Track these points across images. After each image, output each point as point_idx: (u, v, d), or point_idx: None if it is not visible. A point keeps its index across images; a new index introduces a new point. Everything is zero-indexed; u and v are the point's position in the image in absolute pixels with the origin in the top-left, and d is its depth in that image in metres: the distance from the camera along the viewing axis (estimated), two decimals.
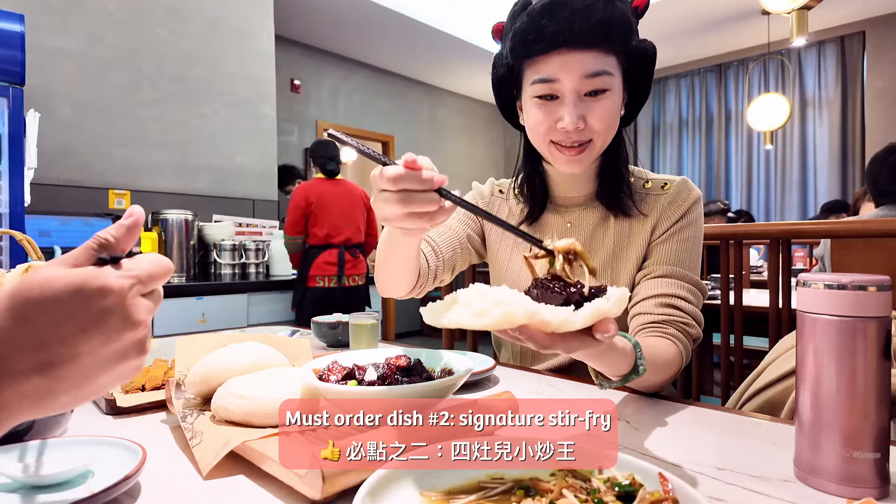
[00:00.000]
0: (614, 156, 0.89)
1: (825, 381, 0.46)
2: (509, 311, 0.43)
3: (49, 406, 0.31)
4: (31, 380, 0.30)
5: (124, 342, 0.33)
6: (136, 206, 0.36)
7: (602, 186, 0.90)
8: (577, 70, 0.76)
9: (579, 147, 0.81)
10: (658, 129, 6.43)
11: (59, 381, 0.31)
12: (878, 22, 4.97)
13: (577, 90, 0.77)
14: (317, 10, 4.52)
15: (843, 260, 1.21)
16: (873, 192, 2.10)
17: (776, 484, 0.48)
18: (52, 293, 0.30)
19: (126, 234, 0.35)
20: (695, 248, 0.87)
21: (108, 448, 0.51)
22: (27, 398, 0.30)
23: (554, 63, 0.77)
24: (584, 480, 0.42)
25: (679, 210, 0.87)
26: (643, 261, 0.88)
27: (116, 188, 2.83)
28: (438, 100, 6.57)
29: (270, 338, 0.79)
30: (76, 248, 0.34)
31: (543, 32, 0.75)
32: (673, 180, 0.90)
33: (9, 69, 1.88)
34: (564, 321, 0.43)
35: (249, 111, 3.39)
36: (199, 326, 2.46)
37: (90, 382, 0.32)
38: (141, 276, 0.34)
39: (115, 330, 0.32)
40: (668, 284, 0.82)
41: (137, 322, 0.33)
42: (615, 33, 0.76)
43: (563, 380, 0.86)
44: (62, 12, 2.65)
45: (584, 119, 0.78)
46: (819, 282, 0.46)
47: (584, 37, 0.74)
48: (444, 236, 0.95)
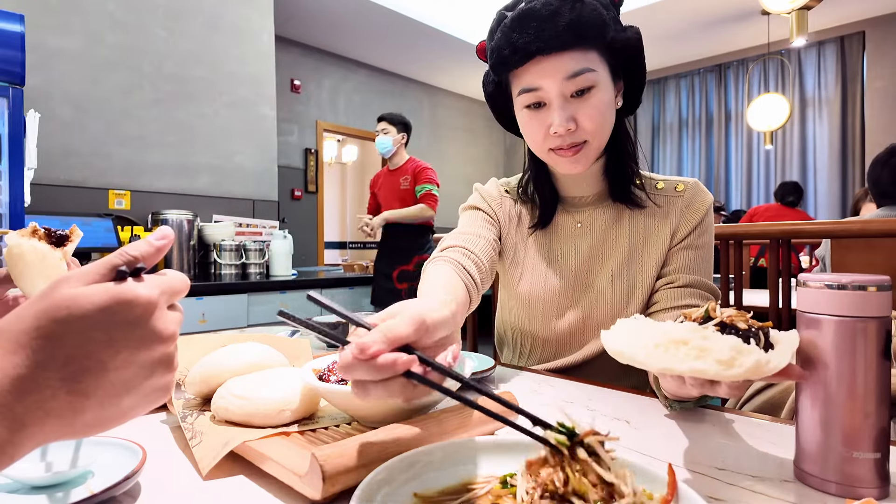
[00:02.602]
0: (618, 150, 0.88)
1: (825, 382, 0.46)
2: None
3: (73, 426, 0.30)
4: (57, 397, 0.29)
5: (152, 355, 0.32)
6: (166, 227, 0.36)
7: (611, 183, 0.90)
8: (556, 74, 0.77)
9: (575, 148, 0.81)
10: (658, 129, 6.43)
11: (85, 397, 0.30)
12: (878, 22, 4.97)
13: (561, 93, 0.78)
14: (317, 11, 4.52)
15: (843, 260, 1.21)
16: (874, 192, 2.11)
17: (776, 484, 0.48)
18: (81, 312, 0.29)
19: (154, 254, 0.34)
20: (710, 255, 0.88)
21: (108, 448, 0.51)
22: (51, 416, 0.29)
23: (533, 72, 0.78)
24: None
25: (697, 215, 0.87)
26: (662, 265, 0.87)
27: (116, 188, 2.83)
28: (438, 100, 6.57)
29: (270, 338, 0.79)
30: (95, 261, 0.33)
31: (516, 45, 0.77)
32: (686, 182, 0.90)
33: (9, 69, 1.88)
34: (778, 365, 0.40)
35: (249, 111, 3.39)
36: (199, 326, 2.46)
37: (117, 401, 0.31)
38: (166, 289, 0.33)
39: (144, 343, 0.31)
40: (689, 294, 0.83)
41: (167, 335, 0.32)
42: (586, 32, 0.76)
43: (563, 380, 0.86)
44: (62, 12, 2.65)
45: (574, 120, 0.79)
46: (819, 282, 0.46)
47: (556, 42, 0.75)
48: (479, 245, 0.89)
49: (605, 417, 0.68)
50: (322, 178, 5.45)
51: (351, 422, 0.58)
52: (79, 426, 0.30)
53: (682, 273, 0.85)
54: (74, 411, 0.30)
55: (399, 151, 3.10)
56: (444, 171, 6.53)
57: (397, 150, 3.08)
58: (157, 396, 0.34)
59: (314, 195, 5.31)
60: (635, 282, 0.88)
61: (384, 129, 3.05)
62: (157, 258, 0.35)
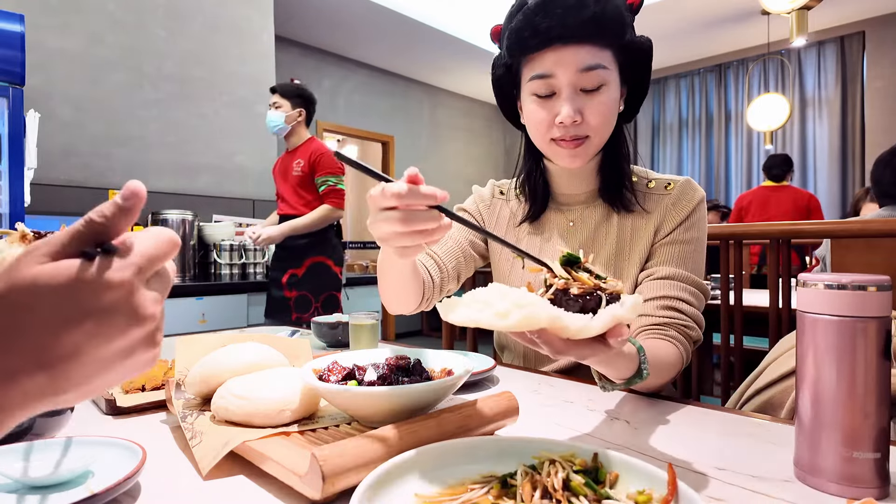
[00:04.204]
0: (614, 151, 0.89)
1: (825, 381, 0.46)
2: (532, 314, 0.43)
3: (55, 402, 0.29)
4: (35, 378, 0.28)
5: (131, 339, 0.30)
6: (134, 182, 0.30)
7: (603, 183, 0.91)
8: (572, 64, 0.78)
9: (577, 141, 0.82)
10: (658, 129, 6.43)
11: (65, 380, 0.28)
12: (878, 22, 4.97)
13: (573, 84, 0.79)
14: (317, 11, 4.52)
15: (843, 260, 1.20)
16: (876, 192, 2.11)
17: (776, 484, 0.48)
18: (42, 295, 0.27)
19: (121, 216, 0.29)
20: (698, 250, 0.87)
21: (108, 448, 0.51)
22: (31, 397, 0.28)
23: (549, 59, 0.79)
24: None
25: (683, 211, 0.87)
26: (646, 260, 0.88)
27: (116, 188, 2.83)
28: (438, 100, 6.57)
29: (270, 338, 0.79)
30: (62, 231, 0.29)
31: (538, 28, 0.78)
32: (677, 180, 0.90)
33: (9, 69, 1.88)
34: (584, 328, 0.44)
35: (249, 111, 3.39)
36: (199, 326, 2.46)
37: (97, 379, 0.30)
38: (141, 264, 0.30)
39: (119, 329, 0.29)
40: (670, 286, 0.83)
41: (143, 317, 0.30)
42: (608, 28, 0.77)
43: (563, 380, 0.86)
44: (62, 12, 2.65)
45: (581, 113, 0.80)
46: (819, 282, 0.46)
47: (578, 31, 0.76)
48: (447, 247, 0.96)
49: (605, 417, 0.68)
50: None
51: (351, 422, 0.58)
52: (61, 402, 0.30)
53: (663, 266, 0.85)
54: (56, 391, 0.29)
55: (296, 131, 2.55)
56: (444, 170, 6.54)
57: (293, 128, 2.53)
58: (140, 368, 0.32)
59: None
60: (622, 278, 0.89)
61: (275, 103, 2.51)
62: (128, 221, 0.30)
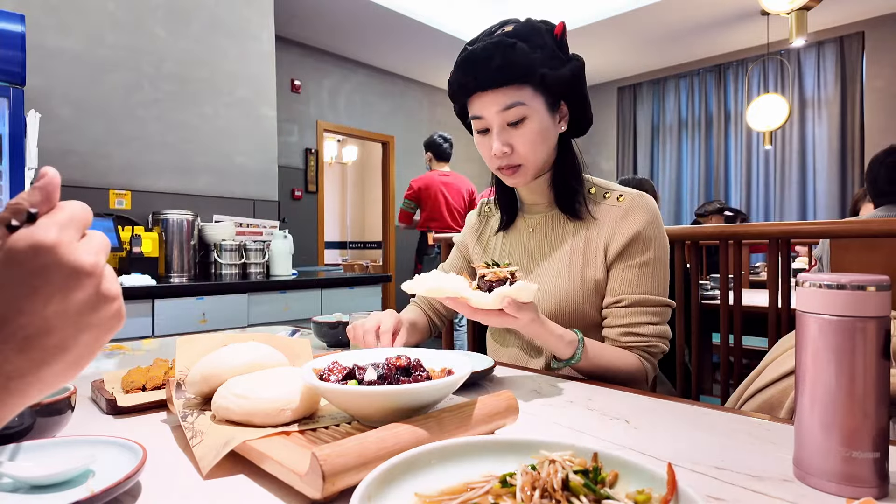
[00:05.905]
0: (564, 166, 1.00)
1: (824, 381, 0.46)
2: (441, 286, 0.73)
3: (43, 381, 0.30)
4: (10, 359, 0.28)
5: (85, 292, 0.31)
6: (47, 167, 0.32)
7: (556, 194, 1.01)
8: (492, 107, 0.91)
9: (512, 168, 0.95)
10: (657, 130, 6.43)
11: (39, 349, 0.29)
12: (877, 22, 4.98)
13: (499, 122, 0.92)
14: (317, 11, 4.52)
15: (842, 260, 1.20)
16: (872, 192, 2.11)
17: (776, 484, 0.48)
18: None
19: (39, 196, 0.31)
20: (657, 270, 0.94)
21: (109, 448, 0.51)
22: (13, 379, 0.28)
23: (476, 104, 0.94)
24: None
25: (631, 229, 0.93)
26: (608, 269, 0.96)
27: (116, 188, 2.83)
28: (438, 100, 6.58)
29: (271, 338, 0.79)
30: None
31: (461, 83, 0.93)
32: (630, 193, 0.97)
33: (9, 69, 1.88)
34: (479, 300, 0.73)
35: (249, 111, 3.39)
36: (199, 326, 2.46)
37: (73, 343, 0.30)
38: (65, 223, 0.31)
39: (65, 283, 0.30)
40: (633, 314, 0.92)
41: (83, 268, 0.30)
42: (515, 73, 0.88)
43: (563, 380, 0.86)
44: (62, 12, 2.65)
45: (510, 145, 0.93)
46: (818, 282, 0.46)
47: (489, 82, 0.90)
48: None
49: (605, 417, 0.68)
50: (322, 178, 5.45)
51: (351, 421, 0.58)
52: (50, 378, 0.30)
53: (627, 293, 0.93)
54: (38, 366, 0.29)
55: None
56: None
57: None
58: (113, 324, 0.33)
59: (314, 195, 5.31)
60: (576, 280, 0.97)
61: None
62: (50, 200, 0.32)
